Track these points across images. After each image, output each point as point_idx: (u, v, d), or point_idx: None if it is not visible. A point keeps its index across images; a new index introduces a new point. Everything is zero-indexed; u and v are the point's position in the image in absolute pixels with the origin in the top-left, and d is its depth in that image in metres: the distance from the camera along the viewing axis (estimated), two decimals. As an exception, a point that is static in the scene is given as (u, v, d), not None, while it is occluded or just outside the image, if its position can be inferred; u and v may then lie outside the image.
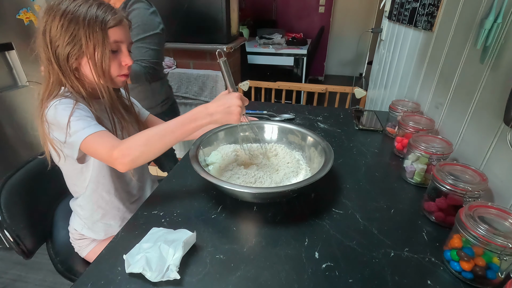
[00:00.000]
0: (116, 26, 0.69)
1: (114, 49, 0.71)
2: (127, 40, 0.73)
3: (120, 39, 0.71)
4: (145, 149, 0.62)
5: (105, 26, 0.67)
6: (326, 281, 0.53)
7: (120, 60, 0.73)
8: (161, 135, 0.63)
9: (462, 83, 0.88)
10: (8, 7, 1.47)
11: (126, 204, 0.87)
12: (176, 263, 0.52)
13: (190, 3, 1.70)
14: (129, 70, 0.76)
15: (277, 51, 3.03)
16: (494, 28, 0.69)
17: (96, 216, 0.83)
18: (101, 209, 0.83)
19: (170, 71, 1.84)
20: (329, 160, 0.70)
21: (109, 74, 0.72)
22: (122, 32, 0.71)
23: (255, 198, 0.70)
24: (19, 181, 0.83)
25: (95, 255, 0.59)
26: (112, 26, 0.68)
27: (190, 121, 0.63)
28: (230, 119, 0.64)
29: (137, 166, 0.64)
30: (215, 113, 0.63)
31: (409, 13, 1.33)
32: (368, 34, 3.92)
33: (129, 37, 0.75)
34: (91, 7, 0.66)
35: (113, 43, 0.70)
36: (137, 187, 0.90)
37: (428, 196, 0.69)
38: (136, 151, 0.62)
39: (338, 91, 1.70)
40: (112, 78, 0.74)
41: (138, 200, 0.92)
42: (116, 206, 0.84)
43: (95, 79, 0.70)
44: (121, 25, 0.71)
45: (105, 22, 0.67)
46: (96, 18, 0.66)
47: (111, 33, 0.68)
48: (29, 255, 0.80)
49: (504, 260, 0.49)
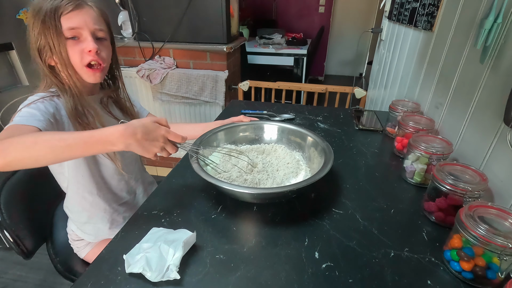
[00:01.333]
0: (71, 12, 0.66)
1: (69, 36, 0.67)
2: (87, 25, 0.68)
3: (78, 25, 0.67)
4: (26, 154, 0.50)
5: (56, 13, 0.65)
6: (326, 281, 0.53)
7: (82, 48, 0.68)
8: (53, 145, 0.50)
9: (462, 83, 0.88)
10: (8, 7, 1.47)
11: (113, 206, 0.84)
12: (176, 263, 0.52)
13: (190, 3, 1.69)
14: (96, 57, 0.70)
15: (277, 51, 3.03)
16: (494, 28, 0.68)
17: (83, 218, 0.82)
18: (86, 211, 0.81)
19: (170, 71, 1.84)
20: (329, 161, 0.69)
21: (71, 65, 0.69)
22: (80, 17, 0.67)
23: (255, 199, 0.70)
24: (19, 181, 0.83)
25: (93, 255, 0.59)
26: (65, 12, 0.65)
27: (98, 142, 0.52)
28: (144, 155, 0.56)
29: (12, 169, 0.51)
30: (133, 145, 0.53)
31: (409, 13, 1.33)
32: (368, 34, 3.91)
33: (94, 22, 0.69)
34: (53, 0, 0.65)
35: (68, 30, 0.66)
36: (126, 188, 0.88)
37: (428, 196, 0.69)
38: (15, 153, 0.49)
39: (338, 91, 1.70)
40: (76, 70, 0.70)
41: (129, 202, 0.89)
42: (101, 208, 0.82)
43: (65, 74, 0.69)
44: (78, 9, 0.67)
45: (57, 10, 0.65)
46: (51, 7, 0.64)
47: (65, 20, 0.66)
48: (29, 255, 0.80)
49: (504, 260, 0.49)
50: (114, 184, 0.84)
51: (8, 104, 0.79)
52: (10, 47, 1.49)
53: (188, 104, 1.95)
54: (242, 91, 1.77)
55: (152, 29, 1.82)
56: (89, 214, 0.82)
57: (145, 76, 1.82)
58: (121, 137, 0.52)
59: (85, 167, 0.76)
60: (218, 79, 1.80)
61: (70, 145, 0.51)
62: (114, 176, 0.83)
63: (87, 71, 0.71)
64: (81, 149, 0.52)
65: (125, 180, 0.87)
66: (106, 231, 0.85)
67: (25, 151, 0.50)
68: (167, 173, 0.83)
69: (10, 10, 1.48)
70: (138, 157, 0.94)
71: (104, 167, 0.80)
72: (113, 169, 0.81)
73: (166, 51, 1.88)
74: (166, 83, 1.86)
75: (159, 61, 1.88)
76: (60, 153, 0.51)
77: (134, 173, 0.91)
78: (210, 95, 1.85)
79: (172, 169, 0.86)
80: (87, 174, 0.76)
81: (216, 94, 1.85)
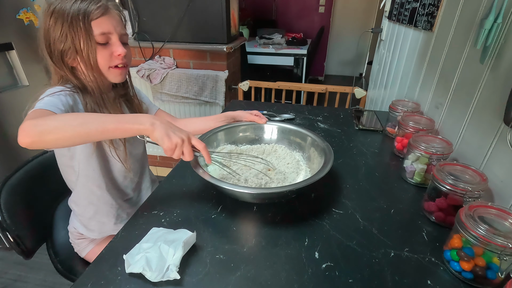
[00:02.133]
0: (100, 17, 0.67)
1: (101, 41, 0.69)
2: (116, 30, 0.70)
3: (107, 30, 0.69)
4: (61, 127, 0.52)
5: (87, 19, 0.65)
6: (326, 281, 0.53)
7: (112, 51, 0.71)
8: (86, 121, 0.54)
9: (462, 83, 0.88)
10: (8, 7, 1.47)
11: (119, 201, 0.86)
12: (176, 263, 0.52)
13: (190, 3, 1.69)
14: (125, 60, 0.74)
15: (277, 51, 3.03)
16: (494, 28, 0.68)
17: (89, 212, 0.83)
18: (93, 205, 0.83)
19: (170, 71, 1.84)
20: (329, 161, 0.69)
21: (98, 68, 0.71)
22: (109, 22, 0.69)
23: (254, 199, 0.70)
24: (19, 181, 0.83)
25: (94, 255, 0.59)
26: (95, 18, 0.66)
27: (128, 122, 0.55)
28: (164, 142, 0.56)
29: (43, 144, 0.53)
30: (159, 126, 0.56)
31: (409, 13, 1.33)
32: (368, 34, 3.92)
33: (120, 26, 0.72)
34: (76, 2, 0.65)
35: (100, 35, 0.68)
36: (131, 185, 0.89)
37: (428, 196, 0.69)
38: (49, 125, 0.52)
39: (338, 91, 1.70)
40: (103, 72, 0.72)
41: (133, 199, 0.91)
42: (108, 202, 0.84)
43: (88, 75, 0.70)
44: (107, 15, 0.68)
45: (87, 15, 0.65)
46: (79, 12, 0.65)
47: (96, 25, 0.67)
48: (29, 255, 0.80)
49: (504, 260, 0.49)
50: (120, 180, 0.86)
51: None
52: (10, 47, 1.49)
53: (188, 104, 1.95)
54: (242, 91, 1.77)
55: (152, 29, 1.82)
56: (96, 209, 0.83)
57: (145, 76, 1.83)
58: (151, 117, 0.56)
59: (96, 162, 0.77)
60: (218, 79, 1.80)
61: (104, 122, 0.54)
62: (121, 172, 0.85)
63: (114, 71, 0.73)
64: (113, 125, 0.54)
65: (131, 178, 0.88)
66: (111, 226, 0.86)
67: (57, 123, 0.52)
68: (167, 173, 0.83)
69: (10, 10, 1.48)
70: (144, 155, 0.95)
71: (113, 163, 0.82)
72: (121, 165, 0.83)
73: (166, 51, 1.88)
74: (166, 83, 1.86)
75: (159, 61, 1.88)
76: (91, 131, 0.53)
77: (140, 171, 0.92)
78: (210, 95, 1.85)
79: (172, 169, 0.86)
80: (98, 168, 0.78)
81: (216, 94, 1.85)
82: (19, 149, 1.55)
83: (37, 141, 0.51)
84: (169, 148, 0.57)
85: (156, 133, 0.55)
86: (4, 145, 1.50)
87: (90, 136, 0.54)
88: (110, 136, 0.56)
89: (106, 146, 0.77)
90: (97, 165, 0.77)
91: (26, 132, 0.51)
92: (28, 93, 1.58)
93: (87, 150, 0.74)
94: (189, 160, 0.60)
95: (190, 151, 0.59)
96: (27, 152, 1.59)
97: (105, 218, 0.85)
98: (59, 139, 0.53)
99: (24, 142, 0.51)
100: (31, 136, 0.51)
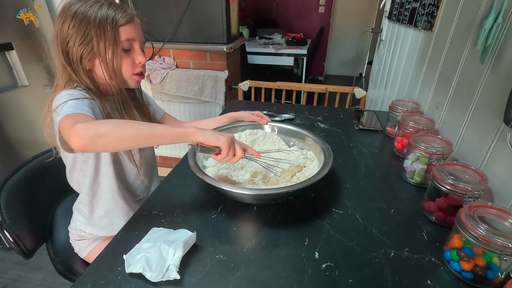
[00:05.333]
0: (127, 24, 0.69)
1: (127, 48, 0.71)
2: (139, 38, 0.72)
3: (132, 37, 0.70)
4: (113, 130, 0.54)
5: (116, 24, 0.67)
6: (326, 281, 0.53)
7: (133, 58, 0.73)
8: (136, 126, 0.57)
9: (462, 83, 0.88)
10: (8, 7, 1.47)
11: (130, 203, 0.86)
12: (176, 263, 0.52)
13: (190, 3, 1.69)
14: (143, 68, 0.76)
15: (277, 51, 3.03)
16: (494, 28, 0.69)
17: (99, 213, 0.83)
18: (105, 205, 0.83)
19: (170, 71, 1.84)
20: (328, 163, 0.69)
21: (120, 74, 0.72)
22: (134, 30, 0.71)
23: (253, 200, 0.70)
24: (19, 181, 0.83)
25: (94, 256, 0.59)
26: (123, 24, 0.68)
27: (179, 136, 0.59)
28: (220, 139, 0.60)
29: (94, 146, 0.54)
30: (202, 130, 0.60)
31: (409, 13, 1.33)
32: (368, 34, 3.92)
33: (141, 35, 0.74)
34: (102, 7, 0.66)
35: (125, 41, 0.69)
36: (142, 188, 0.90)
37: (428, 196, 0.69)
38: (102, 129, 0.54)
39: (338, 91, 1.70)
40: (125, 78, 0.74)
41: (143, 199, 0.91)
42: (119, 204, 0.84)
43: (107, 80, 0.70)
44: (133, 22, 0.70)
45: (116, 21, 0.67)
46: (107, 17, 0.66)
47: (122, 31, 0.68)
48: (29, 255, 0.80)
49: (504, 260, 0.49)
50: (132, 182, 0.86)
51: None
52: (10, 47, 1.49)
53: (188, 104, 1.95)
54: (242, 91, 1.77)
55: (152, 29, 1.82)
56: (107, 210, 0.83)
57: (145, 76, 1.82)
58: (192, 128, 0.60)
59: (110, 165, 0.77)
60: (218, 79, 1.80)
61: (153, 126, 0.58)
62: (133, 174, 0.85)
63: (135, 77, 0.75)
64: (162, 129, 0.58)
65: (141, 179, 0.89)
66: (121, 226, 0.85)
67: (112, 128, 0.54)
68: (167, 173, 0.83)
69: (10, 10, 1.48)
70: (153, 157, 0.96)
71: (125, 165, 0.82)
72: (132, 167, 0.83)
73: (166, 51, 1.88)
74: (166, 83, 1.86)
75: (159, 61, 1.88)
76: (143, 135, 0.56)
77: (149, 172, 0.92)
78: (210, 95, 1.85)
79: (172, 169, 0.86)
80: (111, 171, 0.78)
81: (216, 94, 1.85)
82: (19, 149, 1.56)
83: (90, 143, 0.53)
84: (226, 143, 0.60)
85: (205, 134, 0.59)
86: (4, 145, 1.50)
87: (140, 139, 0.57)
88: (159, 141, 0.58)
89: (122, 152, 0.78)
90: (111, 168, 0.78)
91: (79, 135, 0.53)
92: (28, 93, 1.58)
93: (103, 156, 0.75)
94: (241, 157, 0.63)
95: (241, 148, 0.63)
96: (27, 152, 1.59)
97: (115, 218, 0.86)
98: (111, 142, 0.55)
99: (77, 145, 0.53)
100: (84, 139, 0.53)
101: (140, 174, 0.83)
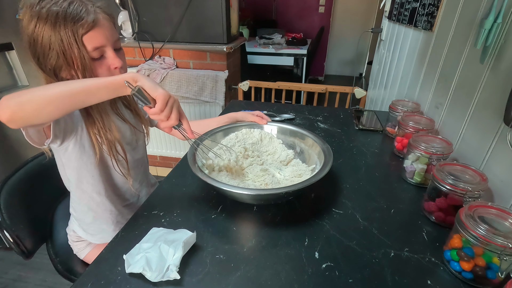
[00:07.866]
0: (91, 31, 0.60)
1: (96, 57, 0.64)
2: (109, 41, 0.64)
3: (100, 43, 0.63)
4: (38, 92, 0.49)
5: (77, 36, 0.59)
6: (326, 281, 0.53)
7: (108, 64, 0.66)
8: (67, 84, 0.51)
9: (462, 83, 0.88)
10: (8, 7, 1.47)
11: (118, 207, 0.84)
12: (176, 263, 0.52)
13: (190, 3, 1.70)
14: (123, 69, 0.70)
15: (277, 51, 3.03)
16: (494, 28, 0.68)
17: (88, 218, 0.82)
18: (92, 211, 0.81)
19: (170, 71, 1.84)
20: (328, 163, 0.69)
21: None
22: (100, 35, 0.62)
23: (253, 200, 0.70)
24: (19, 181, 0.83)
25: (93, 257, 0.58)
26: (85, 32, 0.60)
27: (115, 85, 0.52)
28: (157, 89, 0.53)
29: (23, 113, 0.49)
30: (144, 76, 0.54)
31: (409, 13, 1.33)
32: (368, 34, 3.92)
33: (113, 33, 0.66)
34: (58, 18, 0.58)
35: (93, 51, 0.62)
36: (131, 192, 0.87)
37: (428, 196, 0.69)
38: (27, 94, 0.48)
39: (338, 91, 1.70)
40: None
41: (133, 204, 0.89)
42: (108, 209, 0.82)
43: None
44: (97, 26, 0.61)
45: (75, 32, 0.59)
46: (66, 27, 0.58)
47: (87, 40, 0.61)
48: (29, 255, 0.80)
49: (504, 260, 0.49)
50: (120, 185, 0.84)
51: None
52: (10, 47, 1.49)
53: (188, 104, 1.95)
54: (242, 91, 1.77)
55: (152, 29, 1.82)
56: (95, 215, 0.82)
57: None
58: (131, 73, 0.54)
59: (96, 169, 0.75)
60: (218, 79, 1.80)
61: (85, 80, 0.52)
62: (122, 178, 0.83)
63: None
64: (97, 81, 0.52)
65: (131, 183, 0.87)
66: (110, 232, 0.85)
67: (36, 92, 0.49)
68: (167, 173, 0.83)
69: (10, 10, 1.48)
70: (144, 160, 0.93)
71: (113, 169, 0.80)
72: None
73: (166, 51, 1.88)
74: (166, 83, 1.86)
75: (159, 61, 1.88)
76: (75, 89, 0.50)
77: (139, 176, 0.90)
78: (210, 95, 1.85)
79: (172, 169, 0.86)
80: (97, 174, 0.76)
81: (216, 94, 1.85)
82: (19, 149, 1.56)
83: (16, 110, 0.48)
84: (163, 97, 0.53)
85: (145, 79, 0.53)
86: (4, 145, 1.50)
87: (72, 97, 0.50)
88: (96, 95, 0.52)
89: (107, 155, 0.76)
90: (97, 172, 0.76)
91: (3, 105, 0.47)
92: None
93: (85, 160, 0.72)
94: (174, 124, 0.56)
95: (178, 113, 0.56)
96: (27, 152, 1.59)
97: (104, 224, 0.84)
98: (40, 105, 0.48)
99: (5, 116, 0.48)
100: (9, 107, 0.47)
101: (128, 180, 0.80)
